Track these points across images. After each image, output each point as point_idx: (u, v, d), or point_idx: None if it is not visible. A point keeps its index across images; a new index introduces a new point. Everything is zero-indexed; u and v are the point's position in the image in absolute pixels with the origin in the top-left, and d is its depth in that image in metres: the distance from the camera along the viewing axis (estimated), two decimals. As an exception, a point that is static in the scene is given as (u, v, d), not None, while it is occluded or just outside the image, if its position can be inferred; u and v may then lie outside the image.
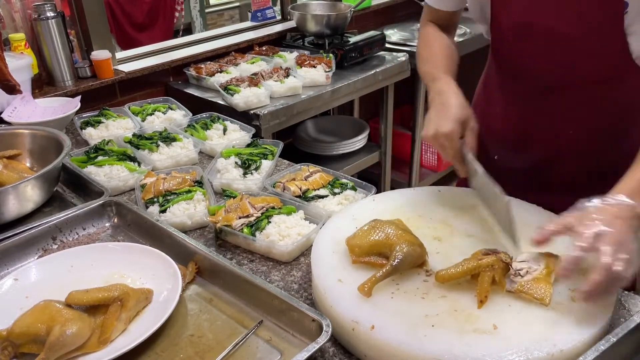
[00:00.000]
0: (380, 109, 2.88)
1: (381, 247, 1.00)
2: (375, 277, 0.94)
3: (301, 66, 2.46)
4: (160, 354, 0.94)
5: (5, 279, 1.07)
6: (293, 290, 1.09)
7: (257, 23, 3.00)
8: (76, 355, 0.92)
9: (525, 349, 0.82)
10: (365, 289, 0.93)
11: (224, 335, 0.97)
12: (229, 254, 1.21)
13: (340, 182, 1.42)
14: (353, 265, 1.01)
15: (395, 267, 0.95)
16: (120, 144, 1.65)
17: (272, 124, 2.18)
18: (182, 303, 1.05)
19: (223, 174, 1.48)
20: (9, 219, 1.29)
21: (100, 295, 0.96)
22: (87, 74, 2.25)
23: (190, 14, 4.60)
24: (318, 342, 0.87)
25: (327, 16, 2.77)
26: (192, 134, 1.74)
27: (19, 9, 2.11)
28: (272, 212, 1.25)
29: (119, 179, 1.46)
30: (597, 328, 0.86)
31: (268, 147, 1.62)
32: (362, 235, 1.02)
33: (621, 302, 1.00)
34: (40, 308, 0.94)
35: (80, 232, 1.28)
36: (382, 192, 1.28)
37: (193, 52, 2.58)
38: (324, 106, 2.44)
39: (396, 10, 3.54)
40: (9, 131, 1.55)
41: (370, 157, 2.91)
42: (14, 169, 1.40)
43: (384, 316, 0.89)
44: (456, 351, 0.82)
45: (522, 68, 1.28)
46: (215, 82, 2.28)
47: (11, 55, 1.96)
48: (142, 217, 1.25)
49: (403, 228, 1.04)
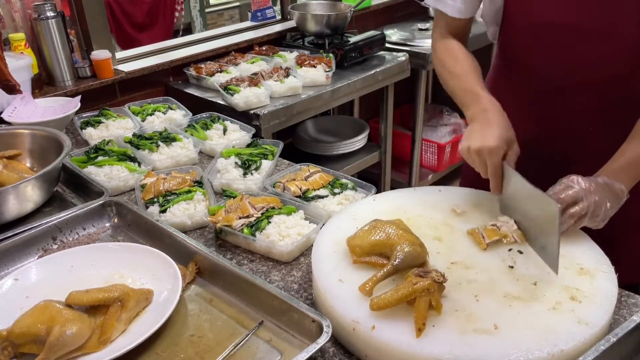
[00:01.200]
0: (380, 108, 2.88)
1: (382, 247, 0.99)
2: (377, 277, 0.94)
3: (301, 66, 2.46)
4: (161, 354, 0.94)
5: (6, 279, 1.07)
6: (293, 290, 1.09)
7: (257, 23, 3.00)
8: (76, 355, 0.91)
9: (526, 348, 0.82)
10: (366, 289, 0.93)
11: (224, 336, 0.97)
12: (229, 254, 1.21)
13: (340, 182, 1.42)
14: (354, 265, 1.01)
15: (396, 266, 0.95)
16: (120, 144, 1.65)
17: (272, 124, 2.18)
18: (182, 303, 1.05)
19: (223, 174, 1.48)
20: (9, 219, 1.29)
21: (100, 295, 0.96)
22: (87, 74, 2.25)
23: (190, 14, 4.60)
24: (318, 342, 0.87)
25: (327, 16, 2.77)
26: (192, 134, 1.74)
27: (19, 8, 2.11)
28: (272, 212, 1.25)
29: (119, 179, 1.46)
30: (597, 328, 0.86)
31: (268, 147, 1.62)
32: (362, 235, 1.02)
33: (621, 302, 1.00)
34: (40, 308, 0.94)
35: (81, 232, 1.28)
36: (382, 192, 1.28)
37: (193, 52, 2.58)
38: (324, 106, 2.43)
39: (396, 10, 3.54)
40: (9, 131, 1.55)
41: (370, 157, 2.91)
42: (14, 169, 1.40)
43: (385, 316, 0.89)
44: (457, 351, 0.82)
45: (536, 70, 1.28)
46: (215, 82, 2.28)
47: (11, 55, 1.96)
48: (142, 217, 1.25)
49: (404, 228, 1.04)
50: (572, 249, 1.04)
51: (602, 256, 1.03)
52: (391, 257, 0.97)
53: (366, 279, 0.94)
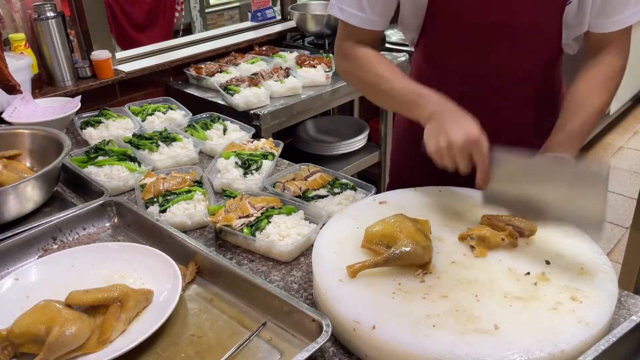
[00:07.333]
0: (380, 109, 2.88)
1: (389, 239, 1.02)
2: (366, 263, 0.98)
3: (301, 66, 2.46)
4: (161, 353, 0.94)
5: (6, 279, 1.07)
6: (293, 290, 1.09)
7: (257, 23, 3.01)
8: (76, 355, 0.91)
9: (527, 349, 0.82)
10: (352, 269, 0.96)
11: (225, 335, 0.97)
12: (229, 254, 1.21)
13: (340, 182, 1.42)
14: (354, 264, 1.01)
15: (387, 259, 0.97)
16: (121, 144, 1.65)
17: (272, 124, 2.18)
18: (183, 303, 1.05)
19: (223, 174, 1.48)
20: (9, 219, 1.28)
21: (100, 295, 0.96)
22: (87, 74, 2.25)
23: (190, 14, 4.60)
24: (318, 342, 0.87)
25: (327, 16, 2.77)
26: (192, 134, 1.74)
27: (19, 9, 2.11)
28: (272, 212, 1.25)
29: (119, 179, 1.46)
30: (597, 328, 0.86)
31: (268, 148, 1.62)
32: (380, 224, 1.05)
33: (621, 302, 1.00)
34: (40, 308, 0.94)
35: (81, 232, 1.28)
36: (382, 192, 1.28)
37: (193, 52, 2.58)
38: (324, 106, 2.44)
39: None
40: (9, 131, 1.55)
41: (370, 157, 2.91)
42: (14, 169, 1.40)
43: (385, 316, 0.89)
44: (457, 351, 0.82)
45: (469, 70, 1.31)
46: (215, 82, 2.28)
47: (11, 55, 1.96)
48: (142, 217, 1.25)
49: (421, 229, 1.05)
50: (572, 249, 1.04)
51: (602, 256, 1.03)
52: (390, 250, 0.99)
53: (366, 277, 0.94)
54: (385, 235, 1.03)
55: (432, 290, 0.95)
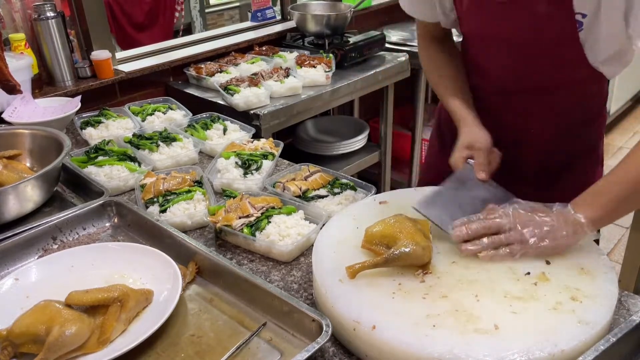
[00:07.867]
0: (380, 109, 2.88)
1: (390, 239, 1.01)
2: (365, 263, 0.97)
3: (301, 66, 2.46)
4: (161, 353, 0.94)
5: (6, 279, 1.07)
6: (293, 290, 1.09)
7: (257, 23, 3.00)
8: (75, 355, 0.91)
9: (527, 349, 0.82)
10: (352, 270, 0.96)
11: (225, 335, 0.97)
12: (229, 254, 1.21)
13: (340, 182, 1.42)
14: (354, 264, 1.01)
15: (387, 259, 0.97)
16: (121, 144, 1.65)
17: (272, 124, 2.18)
18: (183, 303, 1.05)
19: (223, 174, 1.48)
20: (9, 219, 1.28)
21: (100, 295, 0.96)
22: (87, 74, 2.25)
23: (190, 14, 4.60)
24: (318, 342, 0.87)
25: (327, 16, 2.77)
26: (192, 134, 1.74)
27: (19, 9, 2.11)
28: (272, 212, 1.25)
29: (119, 179, 1.46)
30: (597, 328, 0.86)
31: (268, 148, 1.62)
32: (380, 225, 1.05)
33: (621, 302, 1.00)
34: (40, 308, 0.94)
35: (81, 232, 1.28)
36: (382, 192, 1.28)
37: (193, 52, 2.58)
38: (324, 106, 2.43)
39: (396, 10, 3.50)
40: (9, 131, 1.55)
41: (370, 157, 2.91)
42: (14, 169, 1.40)
43: (385, 316, 0.89)
44: (457, 351, 0.82)
45: (486, 72, 1.34)
46: (215, 82, 2.28)
47: (11, 55, 1.96)
48: (142, 217, 1.25)
49: (421, 229, 1.05)
50: (572, 249, 1.04)
51: (602, 256, 1.03)
52: (389, 250, 0.99)
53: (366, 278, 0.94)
54: (385, 236, 1.02)
55: (432, 290, 0.95)
